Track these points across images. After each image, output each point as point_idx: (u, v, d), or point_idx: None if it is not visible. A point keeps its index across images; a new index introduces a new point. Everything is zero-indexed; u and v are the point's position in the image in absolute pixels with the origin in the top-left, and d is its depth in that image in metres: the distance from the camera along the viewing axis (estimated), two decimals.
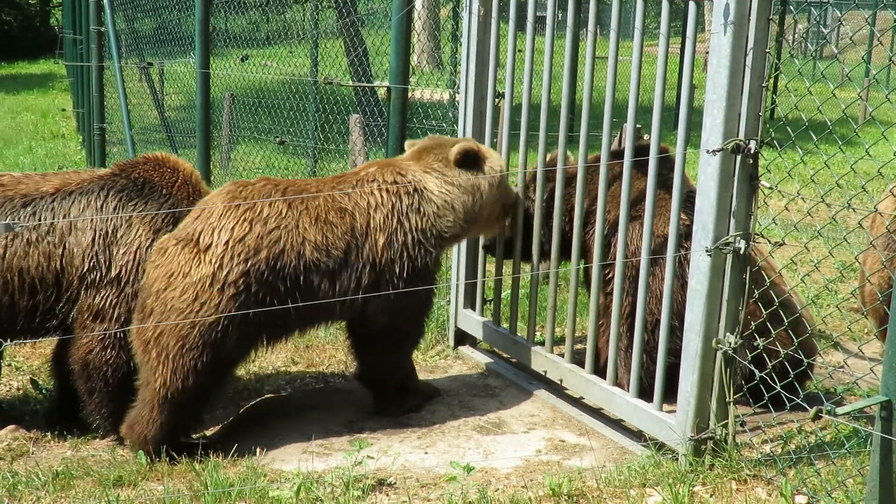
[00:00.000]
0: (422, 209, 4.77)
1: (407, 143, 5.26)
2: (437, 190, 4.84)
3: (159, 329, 4.38)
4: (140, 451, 4.49)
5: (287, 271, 4.45)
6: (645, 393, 4.63)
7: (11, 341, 4.72)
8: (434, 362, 5.86)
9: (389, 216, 4.67)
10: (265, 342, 4.63)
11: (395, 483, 4.22)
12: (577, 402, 5.18)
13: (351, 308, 4.68)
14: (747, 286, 4.08)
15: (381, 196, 4.70)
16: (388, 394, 5.06)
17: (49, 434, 4.99)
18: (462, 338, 6.08)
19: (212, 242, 4.41)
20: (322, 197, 4.62)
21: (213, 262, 4.37)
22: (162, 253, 4.48)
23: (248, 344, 4.55)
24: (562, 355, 5.19)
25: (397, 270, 4.66)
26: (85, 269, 4.63)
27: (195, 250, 4.42)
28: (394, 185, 4.74)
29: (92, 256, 4.63)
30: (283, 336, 4.74)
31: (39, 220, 4.60)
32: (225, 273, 4.36)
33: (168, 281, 4.40)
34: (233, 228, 4.42)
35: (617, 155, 4.85)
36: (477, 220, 5.04)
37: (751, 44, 3.89)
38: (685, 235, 4.44)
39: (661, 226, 4.71)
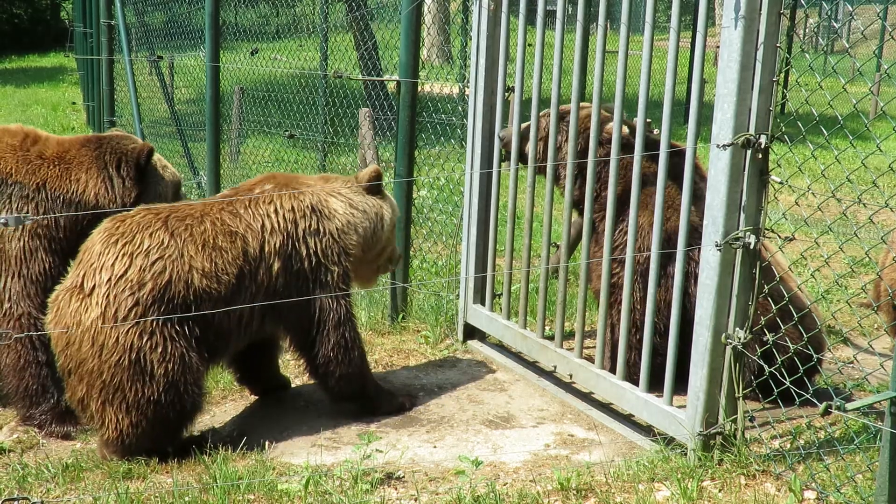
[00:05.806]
0: (322, 229, 4.69)
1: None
2: (341, 210, 4.78)
3: (85, 385, 4.32)
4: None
5: (177, 301, 4.32)
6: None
7: None
8: (443, 356, 5.87)
9: (285, 242, 4.58)
10: (197, 363, 4.42)
11: (403, 477, 4.23)
12: (586, 397, 5.18)
13: (257, 328, 4.63)
14: (757, 281, 4.07)
15: (277, 220, 4.59)
16: (371, 396, 4.99)
17: None
18: (471, 332, 6.07)
19: (95, 283, 4.29)
20: (209, 221, 4.48)
21: (100, 302, 4.26)
22: (55, 308, 4.40)
23: (176, 366, 4.33)
24: (571, 350, 5.19)
25: (296, 290, 4.61)
26: None
27: (81, 297, 4.31)
28: (290, 212, 4.63)
29: None
30: (208, 360, 4.55)
31: None
32: (114, 310, 4.25)
33: (67, 336, 4.33)
34: (113, 265, 4.29)
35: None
36: (367, 256, 4.96)
37: (762, 38, 3.88)
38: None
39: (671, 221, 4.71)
